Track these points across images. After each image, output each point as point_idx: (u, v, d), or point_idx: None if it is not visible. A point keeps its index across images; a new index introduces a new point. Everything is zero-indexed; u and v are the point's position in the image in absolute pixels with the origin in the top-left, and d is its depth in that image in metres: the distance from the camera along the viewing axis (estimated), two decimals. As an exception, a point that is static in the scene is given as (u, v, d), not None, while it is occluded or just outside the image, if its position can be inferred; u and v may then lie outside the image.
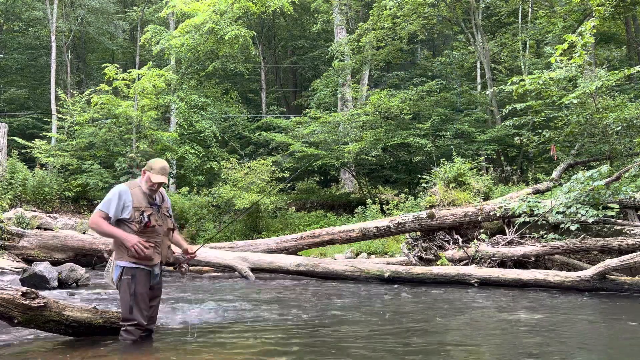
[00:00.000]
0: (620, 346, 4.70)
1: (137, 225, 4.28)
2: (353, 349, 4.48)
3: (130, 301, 4.25)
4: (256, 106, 26.23)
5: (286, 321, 5.60)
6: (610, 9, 10.78)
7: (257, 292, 7.84)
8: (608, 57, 19.33)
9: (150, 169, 4.40)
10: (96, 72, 26.05)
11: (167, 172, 4.49)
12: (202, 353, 4.23)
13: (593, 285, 7.35)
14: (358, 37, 18.77)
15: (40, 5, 24.58)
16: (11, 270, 9.36)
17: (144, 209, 4.33)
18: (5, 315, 4.03)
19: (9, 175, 15.12)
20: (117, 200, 4.30)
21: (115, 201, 4.29)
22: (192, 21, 17.75)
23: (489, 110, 17.34)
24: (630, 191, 8.45)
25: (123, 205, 4.29)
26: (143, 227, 4.30)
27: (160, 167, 4.40)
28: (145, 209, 4.33)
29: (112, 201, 4.30)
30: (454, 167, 11.05)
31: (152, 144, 16.94)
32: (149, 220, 4.31)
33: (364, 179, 19.16)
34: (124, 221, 4.31)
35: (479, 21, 17.98)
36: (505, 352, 4.44)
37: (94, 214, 4.31)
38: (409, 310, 6.37)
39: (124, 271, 4.29)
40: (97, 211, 4.30)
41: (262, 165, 15.22)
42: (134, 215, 4.29)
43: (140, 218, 4.29)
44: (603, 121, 10.54)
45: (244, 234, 14.61)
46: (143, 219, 4.29)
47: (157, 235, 4.39)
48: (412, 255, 9.45)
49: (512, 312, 6.20)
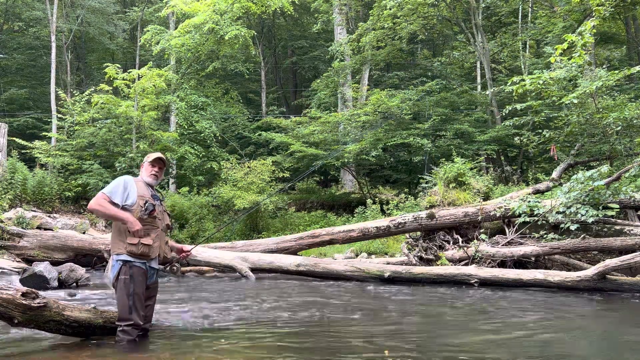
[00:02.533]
0: (620, 346, 4.70)
1: (141, 212, 4.30)
2: (353, 349, 4.47)
3: (130, 301, 4.25)
4: (256, 106, 26.22)
5: (286, 321, 5.60)
6: (610, 9, 10.77)
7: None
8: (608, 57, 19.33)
9: (147, 159, 4.57)
10: (96, 72, 26.06)
11: (163, 159, 4.59)
12: (200, 353, 4.22)
13: (593, 285, 7.35)
14: (358, 37, 18.76)
15: (40, 5, 24.58)
16: (11, 270, 9.36)
17: (148, 198, 4.38)
18: (5, 315, 4.02)
19: (9, 175, 15.11)
20: (122, 187, 4.31)
21: (121, 188, 4.31)
22: (192, 21, 17.74)
23: (489, 110, 17.35)
24: (630, 191, 8.45)
25: (128, 194, 4.32)
26: (147, 215, 4.30)
27: (155, 154, 4.58)
28: (148, 198, 4.38)
29: (118, 187, 4.31)
30: (454, 167, 11.05)
31: (152, 144, 16.93)
32: (154, 209, 4.34)
33: (364, 179, 19.16)
34: (126, 208, 4.31)
35: (479, 21, 17.98)
36: (505, 352, 4.43)
37: (96, 197, 4.26)
38: (409, 310, 6.37)
39: (121, 270, 4.28)
40: (100, 194, 4.27)
41: (262, 165, 15.22)
42: (139, 202, 4.31)
43: (146, 206, 4.31)
44: (603, 121, 10.54)
45: (244, 234, 14.61)
46: (149, 207, 4.31)
47: (156, 229, 4.41)
48: (412, 255, 9.45)
49: (511, 312, 6.20)
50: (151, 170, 4.50)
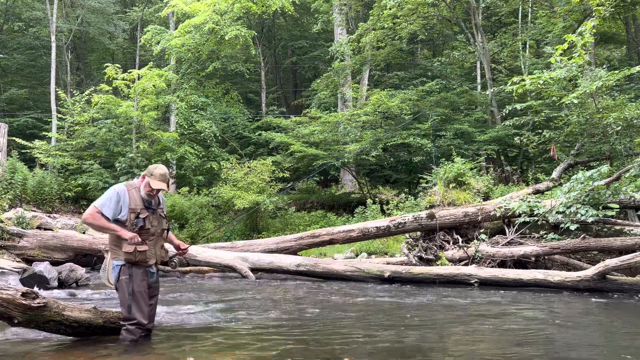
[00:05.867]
0: (620, 346, 4.70)
1: (132, 227, 4.30)
2: (353, 349, 4.47)
3: (129, 300, 4.26)
4: (256, 106, 26.20)
5: (286, 321, 5.60)
6: (610, 9, 10.77)
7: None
8: (608, 57, 19.33)
9: (150, 174, 4.37)
10: (96, 72, 26.05)
11: (167, 180, 4.46)
12: (200, 353, 4.23)
13: (593, 285, 7.35)
14: (358, 37, 18.75)
15: (40, 5, 24.57)
16: (11, 270, 9.35)
17: (140, 211, 4.35)
18: (5, 315, 4.02)
19: (9, 175, 15.11)
20: (115, 201, 4.31)
21: (114, 202, 4.30)
22: (192, 21, 17.73)
23: (489, 110, 17.33)
24: (630, 191, 8.45)
25: (121, 207, 4.31)
26: (138, 230, 4.32)
27: (160, 173, 4.38)
28: (141, 211, 4.35)
29: (110, 201, 4.30)
30: (454, 167, 11.05)
31: (152, 144, 16.94)
32: (143, 224, 4.34)
33: (364, 179, 19.15)
34: (118, 222, 4.33)
35: (479, 21, 17.98)
36: (505, 352, 4.43)
37: (89, 210, 4.30)
38: (408, 310, 6.37)
39: (121, 271, 4.30)
40: (93, 207, 4.30)
41: (262, 165, 15.22)
42: (130, 217, 4.30)
43: (135, 222, 4.30)
44: (603, 121, 10.52)
45: (244, 234, 14.61)
46: (138, 222, 4.32)
47: (150, 237, 4.40)
48: (412, 255, 9.45)
49: (511, 312, 6.20)
50: (149, 189, 4.38)
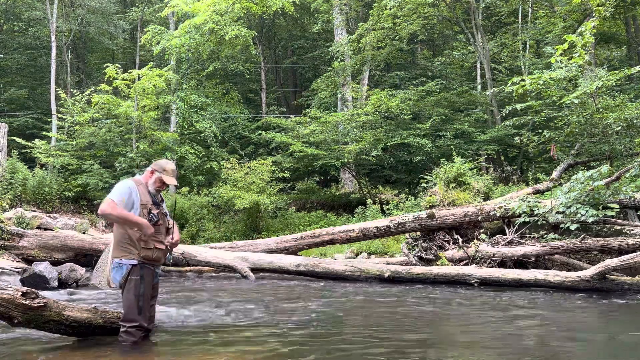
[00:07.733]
0: (620, 346, 4.70)
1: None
2: (353, 349, 4.47)
3: (140, 302, 4.22)
4: (256, 106, 26.20)
5: (286, 321, 5.60)
6: (610, 9, 10.79)
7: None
8: (608, 57, 19.34)
9: (163, 170, 4.40)
10: (96, 72, 26.04)
11: (177, 175, 4.54)
12: (199, 353, 4.22)
13: (593, 285, 7.35)
14: (358, 38, 18.75)
15: (40, 5, 24.55)
16: (11, 270, 9.36)
17: (150, 207, 4.34)
18: (5, 315, 4.02)
19: (9, 175, 15.11)
20: (128, 195, 4.26)
21: (127, 196, 4.25)
22: (192, 21, 17.73)
23: (489, 110, 17.34)
24: (630, 191, 8.45)
25: (133, 202, 4.28)
26: (153, 225, 4.28)
27: (172, 169, 4.47)
28: (151, 207, 4.34)
29: (123, 195, 4.24)
30: (454, 167, 11.05)
31: (152, 144, 16.94)
32: (158, 219, 4.32)
33: (364, 179, 19.15)
34: None
35: (479, 21, 17.98)
36: (504, 352, 4.43)
37: (106, 202, 4.19)
38: (408, 309, 6.37)
39: (132, 271, 4.23)
40: (109, 200, 4.19)
41: (262, 165, 15.22)
42: (142, 212, 4.27)
43: (150, 216, 4.28)
44: (603, 121, 10.53)
45: (244, 234, 14.61)
46: (153, 217, 4.29)
47: (160, 235, 4.39)
48: (412, 255, 9.46)
49: (511, 312, 6.20)
50: (161, 185, 4.41)
